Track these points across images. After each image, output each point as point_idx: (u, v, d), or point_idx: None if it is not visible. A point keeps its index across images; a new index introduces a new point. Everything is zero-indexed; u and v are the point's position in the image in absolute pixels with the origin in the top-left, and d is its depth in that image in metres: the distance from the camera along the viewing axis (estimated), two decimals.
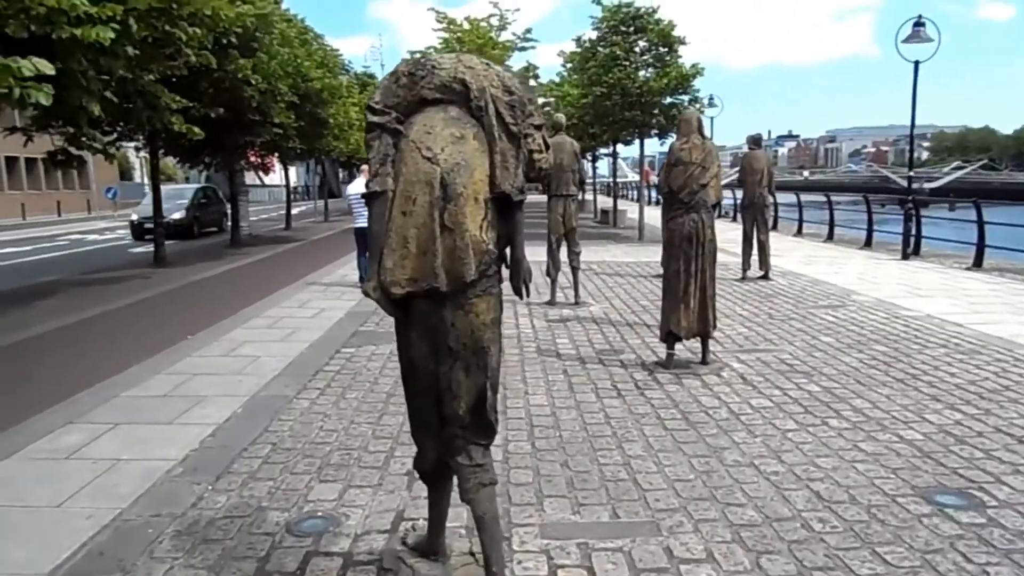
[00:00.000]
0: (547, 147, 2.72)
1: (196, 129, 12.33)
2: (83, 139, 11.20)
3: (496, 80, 2.61)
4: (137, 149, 16.42)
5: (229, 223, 21.40)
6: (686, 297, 6.13)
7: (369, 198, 2.61)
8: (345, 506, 3.75)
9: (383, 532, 3.46)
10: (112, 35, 8.67)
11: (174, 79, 12.52)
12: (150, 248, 16.51)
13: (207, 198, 25.40)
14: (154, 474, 4.15)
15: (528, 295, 2.84)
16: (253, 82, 15.29)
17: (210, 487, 3.98)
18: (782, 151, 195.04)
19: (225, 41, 13.22)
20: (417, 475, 3.04)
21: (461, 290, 2.53)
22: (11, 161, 39.22)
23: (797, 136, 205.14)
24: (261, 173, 31.84)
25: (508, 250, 2.70)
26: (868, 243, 16.52)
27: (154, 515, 3.66)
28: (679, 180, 6.12)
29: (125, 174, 59.53)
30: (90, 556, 3.30)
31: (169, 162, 32.78)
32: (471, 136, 2.56)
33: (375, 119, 2.61)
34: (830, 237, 18.36)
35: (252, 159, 22.23)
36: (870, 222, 16.94)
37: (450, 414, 2.70)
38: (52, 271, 14.97)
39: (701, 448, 4.51)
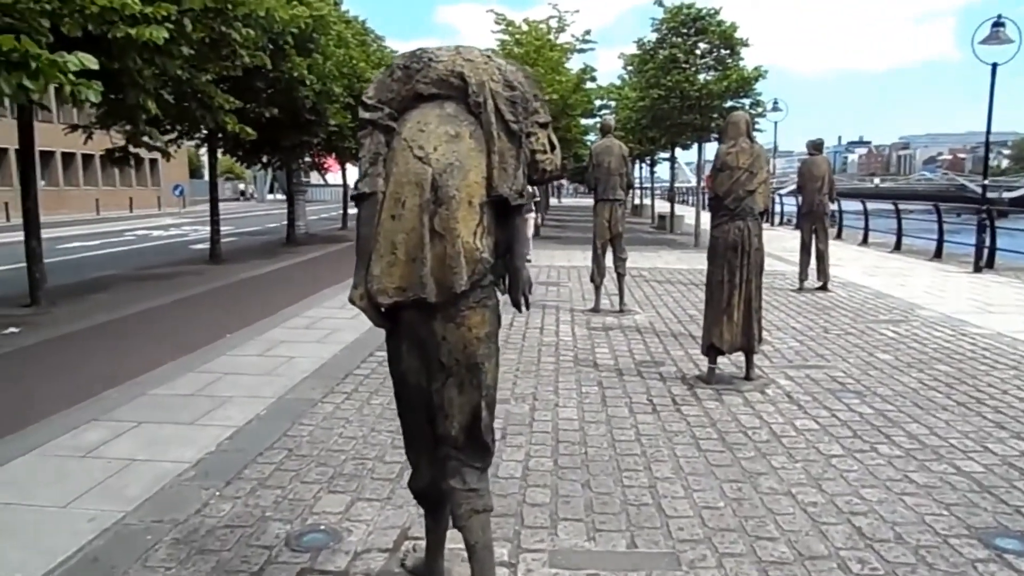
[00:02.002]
0: (553, 147, 2.50)
1: (249, 129, 12.46)
2: (142, 137, 11.39)
3: (497, 74, 2.41)
4: (197, 147, 16.76)
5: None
6: (729, 309, 5.82)
7: (358, 200, 2.43)
8: (350, 520, 3.59)
9: (384, 551, 3.28)
10: (166, 35, 8.76)
11: (229, 79, 12.69)
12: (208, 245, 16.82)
13: None
14: (165, 477, 4.08)
15: (528, 308, 2.63)
16: (308, 82, 15.43)
17: (218, 493, 3.88)
18: (852, 158, 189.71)
19: (281, 42, 13.33)
20: (412, 496, 2.85)
21: (452, 301, 2.33)
22: (87, 159, 40.77)
23: (868, 143, 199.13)
24: (323, 173, 32.26)
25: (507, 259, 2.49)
26: (938, 254, 15.74)
27: (156, 520, 3.56)
28: (725, 185, 5.81)
29: (196, 172, 61.51)
30: (84, 561, 3.21)
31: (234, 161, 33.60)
32: (467, 134, 2.36)
33: (366, 115, 2.44)
34: (897, 247, 17.57)
35: (309, 159, 22.49)
36: (940, 232, 16.12)
37: (443, 434, 2.51)
38: (113, 265, 15.37)
39: (735, 472, 4.22)
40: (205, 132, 15.39)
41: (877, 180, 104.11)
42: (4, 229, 24.96)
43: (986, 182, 17.41)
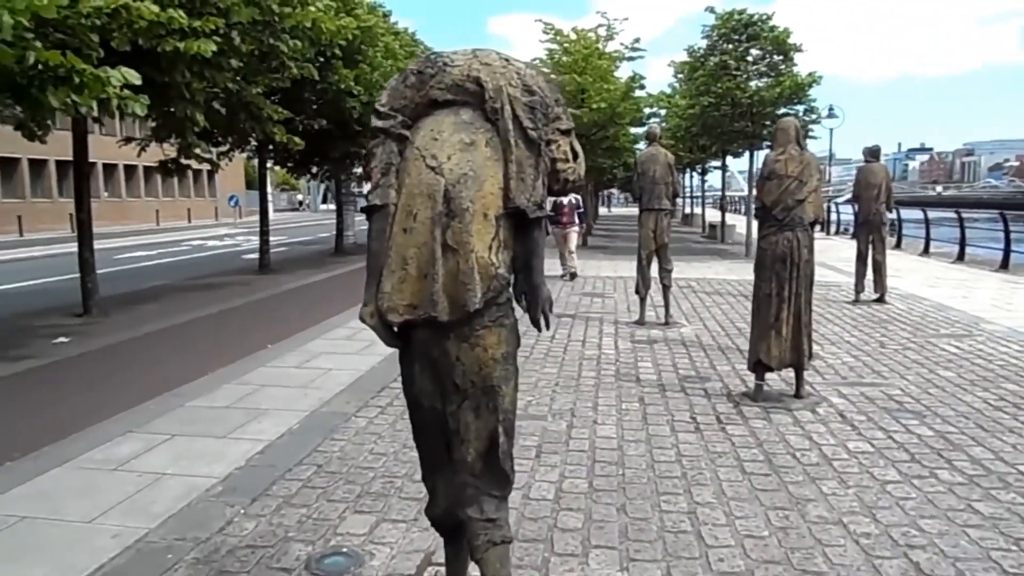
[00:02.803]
0: (576, 156, 2.35)
1: (297, 139, 12.59)
2: (192, 149, 11.60)
3: (515, 78, 2.27)
4: (248, 159, 17.05)
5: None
6: (778, 324, 5.55)
7: (369, 212, 2.31)
8: (374, 542, 3.47)
9: None
10: (214, 48, 8.88)
11: (278, 91, 12.84)
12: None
13: None
14: (192, 492, 4.02)
15: (548, 327, 2.46)
16: (355, 93, 15.55)
17: (243, 510, 3.81)
18: (913, 165, 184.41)
19: (328, 54, 13.45)
20: (430, 523, 2.71)
21: (466, 320, 2.19)
22: (148, 171, 41.94)
23: (930, 149, 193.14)
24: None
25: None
26: (1004, 265, 15.01)
27: (178, 538, 3.50)
28: (773, 195, 5.56)
29: (252, 183, 62.96)
30: None
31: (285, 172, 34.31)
32: (483, 143, 2.23)
33: (379, 123, 2.32)
34: (960, 257, 16.83)
35: (359, 169, 22.71)
36: (1007, 241, 15.37)
37: (459, 460, 2.37)
38: (167, 275, 15.70)
39: (782, 498, 3.97)
40: (255, 143, 15.61)
41: (940, 188, 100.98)
42: (68, 239, 25.85)
43: None
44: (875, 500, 3.94)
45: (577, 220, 13.62)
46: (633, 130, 25.33)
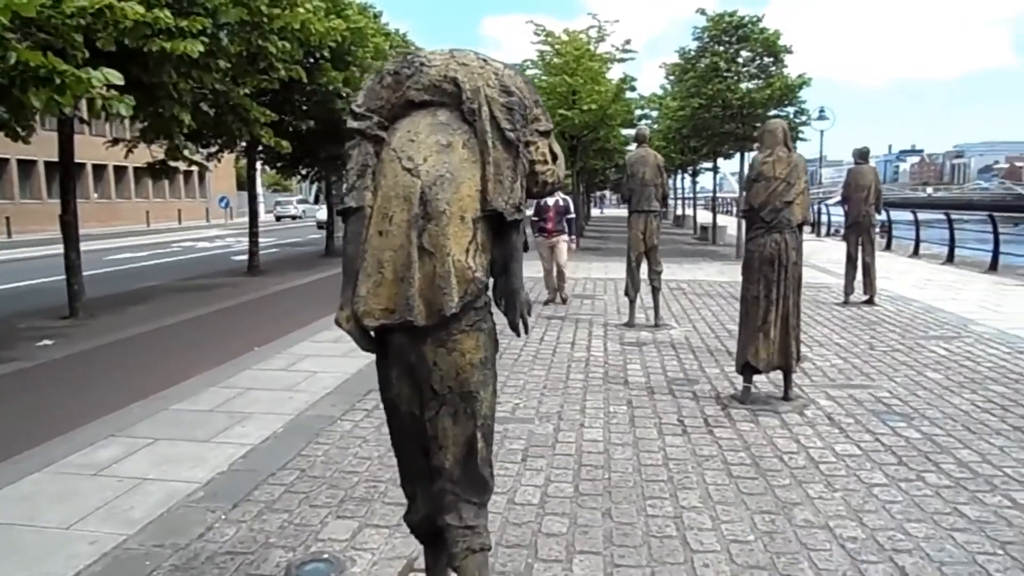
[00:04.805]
0: (555, 157, 2.31)
1: (284, 142, 12.52)
2: (181, 151, 11.53)
3: (493, 79, 2.23)
4: (237, 160, 16.96)
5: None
6: (765, 326, 5.54)
7: (344, 214, 2.27)
8: (355, 548, 3.43)
9: None
10: (201, 48, 8.82)
11: (267, 92, 12.78)
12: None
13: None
14: (173, 498, 3.97)
15: (527, 332, 2.43)
16: (344, 95, 15.50)
17: (223, 516, 3.76)
18: (904, 167, 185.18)
19: (318, 55, 13.39)
20: (409, 530, 2.67)
21: (443, 325, 2.15)
22: (138, 172, 41.73)
23: (921, 151, 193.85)
24: None
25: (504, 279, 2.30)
26: (993, 266, 15.05)
27: (157, 545, 3.44)
28: (761, 197, 5.54)
29: (243, 184, 62.77)
30: None
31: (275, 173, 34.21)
32: (460, 144, 2.19)
33: (354, 124, 2.28)
34: (950, 259, 16.88)
35: None
36: (996, 243, 15.42)
37: (437, 466, 2.33)
38: (156, 277, 15.60)
39: (768, 502, 3.95)
40: (244, 145, 15.54)
41: (930, 189, 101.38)
42: (57, 241, 25.68)
43: None
44: (862, 504, 3.92)
45: (566, 228, 10.74)
46: (624, 131, 25.35)
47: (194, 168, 13.05)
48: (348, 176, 2.27)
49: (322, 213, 36.23)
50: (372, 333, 2.27)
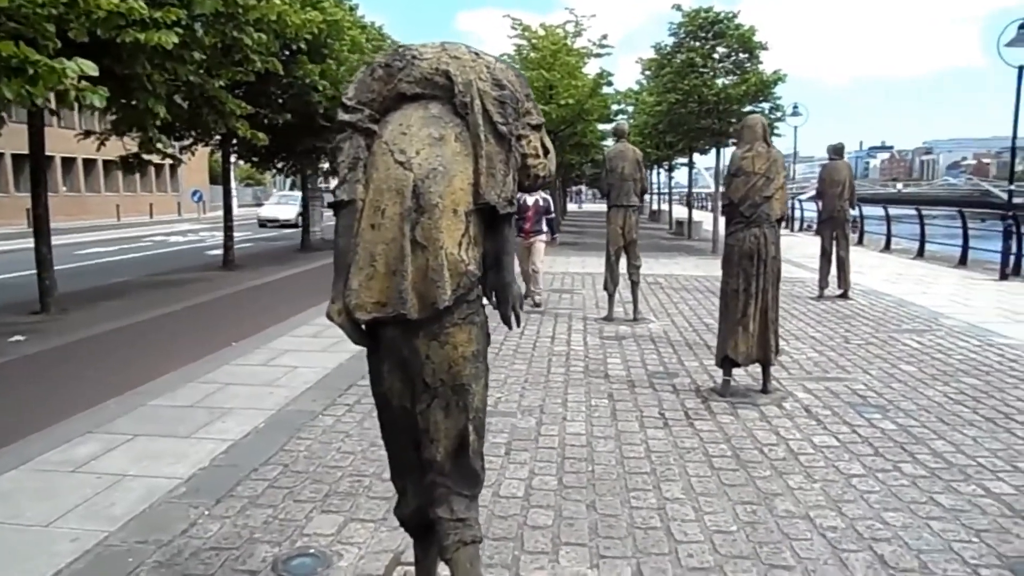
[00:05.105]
0: (547, 151, 2.32)
1: (261, 135, 12.39)
2: (155, 144, 11.36)
3: (485, 72, 2.24)
4: (212, 153, 16.76)
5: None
6: (744, 320, 5.60)
7: (336, 208, 2.26)
8: (341, 543, 3.42)
9: None
10: (175, 39, 8.69)
11: (243, 85, 12.63)
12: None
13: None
14: (154, 494, 3.93)
15: (519, 324, 2.44)
16: (321, 88, 15.36)
17: (207, 512, 3.73)
18: (874, 163, 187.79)
19: (295, 47, 13.25)
20: (399, 523, 2.67)
21: (436, 318, 2.15)
22: (108, 164, 41.07)
23: (891, 148, 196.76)
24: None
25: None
26: (963, 261, 15.35)
27: (140, 541, 3.41)
28: (740, 191, 5.60)
29: (217, 178, 61.96)
30: None
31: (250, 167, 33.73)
32: (452, 137, 2.19)
33: (345, 117, 2.27)
34: (920, 254, 17.18)
35: (326, 164, 22.45)
36: (965, 238, 15.73)
37: (429, 459, 2.33)
38: (129, 271, 15.36)
39: (749, 493, 4.00)
40: (219, 137, 15.35)
41: (900, 185, 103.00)
42: (25, 235, 25.20)
43: (1012, 187, 17.02)
44: (841, 494, 3.99)
45: (545, 227, 10.18)
46: (601, 126, 25.43)
47: (167, 161, 12.86)
48: (339, 169, 2.26)
49: (267, 210, 33.02)
50: (363, 326, 2.27)
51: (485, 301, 2.33)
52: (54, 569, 3.17)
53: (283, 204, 33.13)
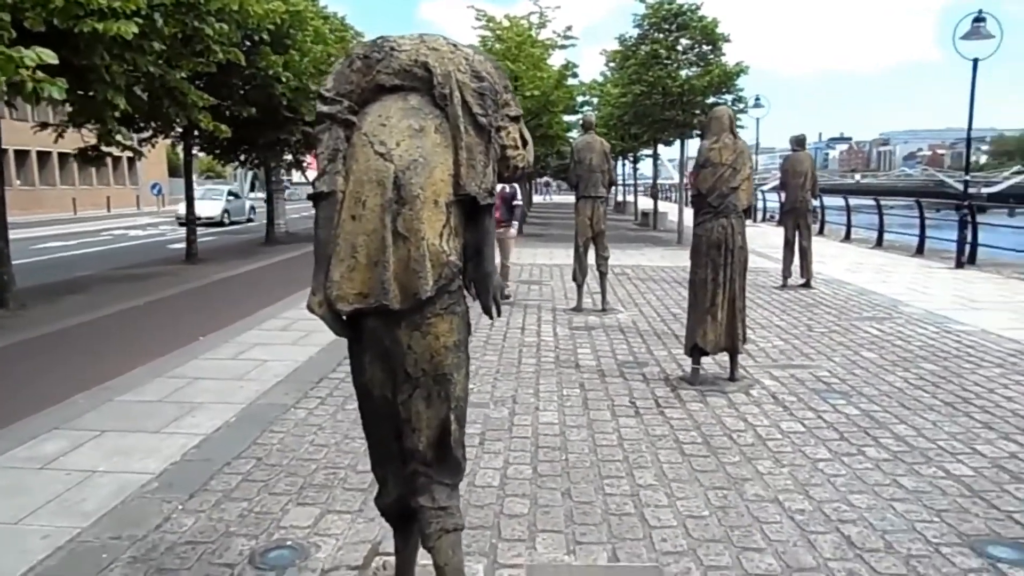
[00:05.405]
0: (525, 143, 2.35)
1: (223, 127, 12.19)
2: (113, 136, 11.12)
3: (464, 64, 2.25)
4: (173, 145, 16.46)
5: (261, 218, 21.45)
6: (713, 309, 5.69)
7: (316, 200, 2.26)
8: (318, 534, 3.42)
9: (353, 568, 3.12)
10: (135, 29, 8.52)
11: (204, 76, 12.42)
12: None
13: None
14: (126, 489, 3.89)
15: (499, 315, 2.47)
16: (284, 79, 15.16)
17: (180, 506, 3.70)
18: (833, 154, 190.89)
19: (257, 38, 13.06)
20: (379, 513, 2.69)
21: (417, 308, 2.17)
22: (63, 158, 40.07)
23: (849, 139, 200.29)
24: (304, 171, 31.93)
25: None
26: (920, 250, 15.73)
27: (113, 537, 3.38)
28: (708, 182, 5.68)
29: (175, 170, 60.78)
30: None
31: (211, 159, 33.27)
32: (432, 129, 2.20)
33: (324, 109, 2.27)
34: (879, 243, 17.56)
35: (289, 157, 22.17)
36: (922, 228, 16.11)
37: (410, 449, 2.35)
38: (89, 266, 15.05)
39: (720, 479, 4.09)
40: (180, 130, 15.09)
41: (858, 176, 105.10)
42: None
43: (967, 177, 17.46)
44: (808, 478, 4.10)
45: (511, 215, 9.87)
46: (566, 118, 25.49)
47: (126, 154, 12.60)
48: (319, 161, 2.25)
49: (197, 206, 26.94)
50: (345, 318, 2.27)
51: (466, 292, 2.35)
52: (26, 566, 3.13)
53: (207, 199, 27.98)
